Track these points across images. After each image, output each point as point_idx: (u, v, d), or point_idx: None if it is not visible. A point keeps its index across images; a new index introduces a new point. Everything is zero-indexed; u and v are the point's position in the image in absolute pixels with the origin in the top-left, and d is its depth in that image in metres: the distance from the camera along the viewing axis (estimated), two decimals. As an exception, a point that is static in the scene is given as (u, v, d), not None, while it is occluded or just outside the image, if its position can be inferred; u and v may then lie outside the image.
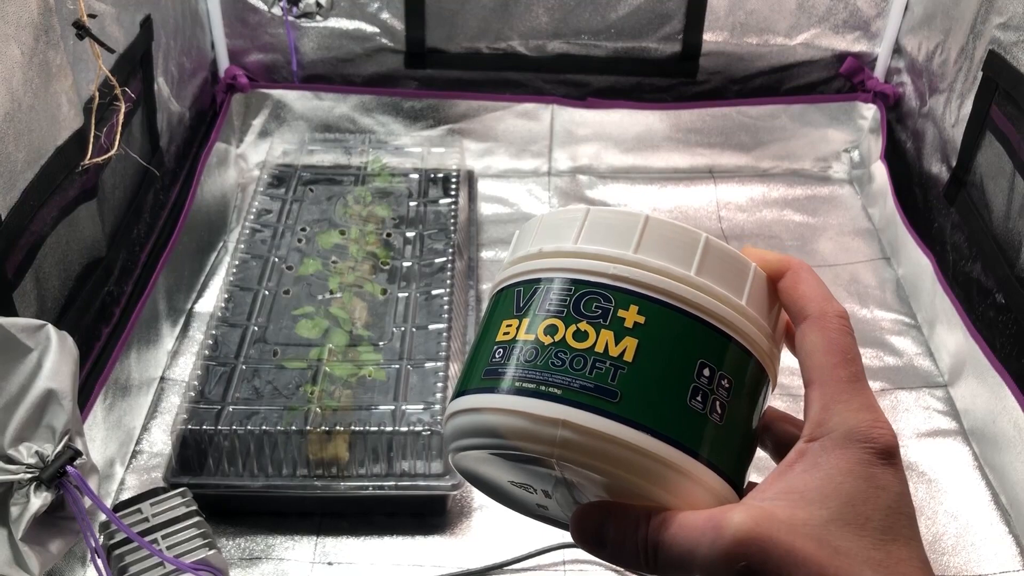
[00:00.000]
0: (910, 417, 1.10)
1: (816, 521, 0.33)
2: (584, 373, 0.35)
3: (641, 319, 0.36)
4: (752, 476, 0.39)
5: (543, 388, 0.35)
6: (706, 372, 0.36)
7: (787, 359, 0.41)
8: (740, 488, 0.37)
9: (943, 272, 1.17)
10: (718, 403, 0.36)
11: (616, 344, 0.35)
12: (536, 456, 0.35)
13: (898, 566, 0.33)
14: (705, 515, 0.34)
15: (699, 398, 0.35)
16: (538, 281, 0.38)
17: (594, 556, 0.37)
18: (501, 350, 0.37)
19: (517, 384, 0.36)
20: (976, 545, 0.96)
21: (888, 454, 0.34)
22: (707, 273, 0.37)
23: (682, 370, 0.35)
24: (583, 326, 0.36)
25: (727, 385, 0.36)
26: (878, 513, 0.33)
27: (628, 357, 0.35)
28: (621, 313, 0.36)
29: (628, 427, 0.34)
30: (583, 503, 0.38)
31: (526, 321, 0.37)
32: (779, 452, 0.40)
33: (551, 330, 0.36)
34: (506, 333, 0.37)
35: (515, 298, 0.38)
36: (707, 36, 1.42)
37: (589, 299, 0.36)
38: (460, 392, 0.38)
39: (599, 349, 0.35)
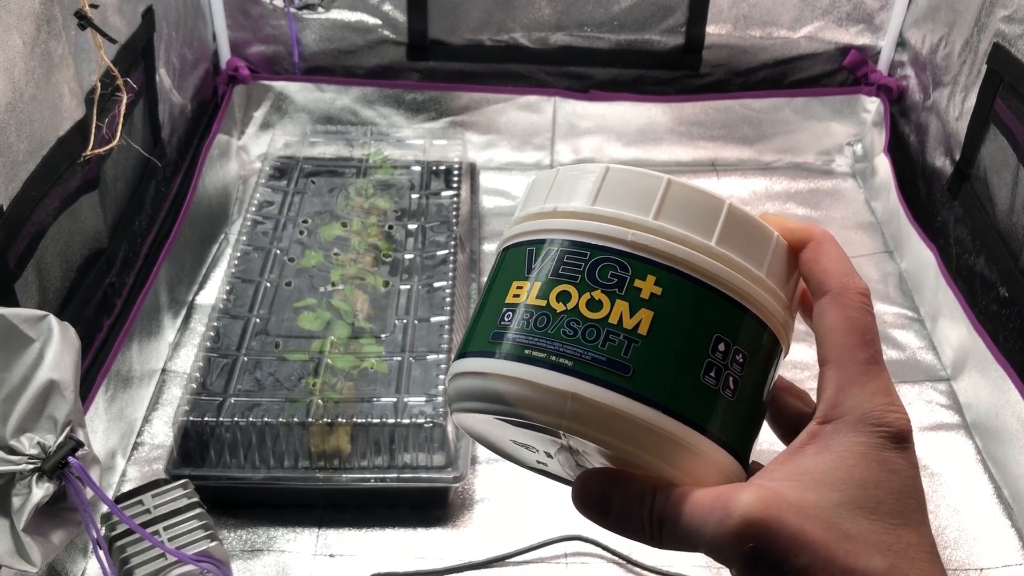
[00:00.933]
0: (913, 411, 1.09)
1: (826, 504, 0.33)
2: (596, 345, 0.34)
3: (658, 290, 0.35)
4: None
5: (553, 358, 0.34)
6: (721, 347, 0.35)
7: (797, 353, 0.41)
8: (747, 461, 0.36)
9: (946, 266, 1.17)
10: (731, 379, 0.35)
11: (631, 316, 0.34)
12: (543, 426, 0.35)
13: (907, 551, 0.32)
14: (713, 494, 0.34)
15: (712, 374, 0.35)
16: (552, 242, 0.37)
17: (595, 523, 0.36)
18: (510, 313, 0.36)
19: (526, 352, 0.35)
20: (978, 539, 0.95)
21: (901, 438, 0.34)
22: (728, 242, 0.36)
23: (697, 345, 0.35)
24: (597, 295, 0.35)
25: (741, 360, 0.35)
26: (890, 497, 0.33)
27: (643, 330, 0.34)
28: (638, 283, 0.35)
29: (639, 403, 0.34)
30: (587, 468, 0.37)
31: (537, 285, 0.36)
32: (778, 422, 0.39)
33: (564, 297, 0.35)
34: (516, 295, 0.36)
35: (526, 258, 0.37)
36: (710, 29, 1.42)
37: (605, 266, 0.35)
38: (464, 352, 0.37)
39: (613, 320, 0.34)
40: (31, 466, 0.64)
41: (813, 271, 0.37)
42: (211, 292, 1.23)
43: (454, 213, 1.21)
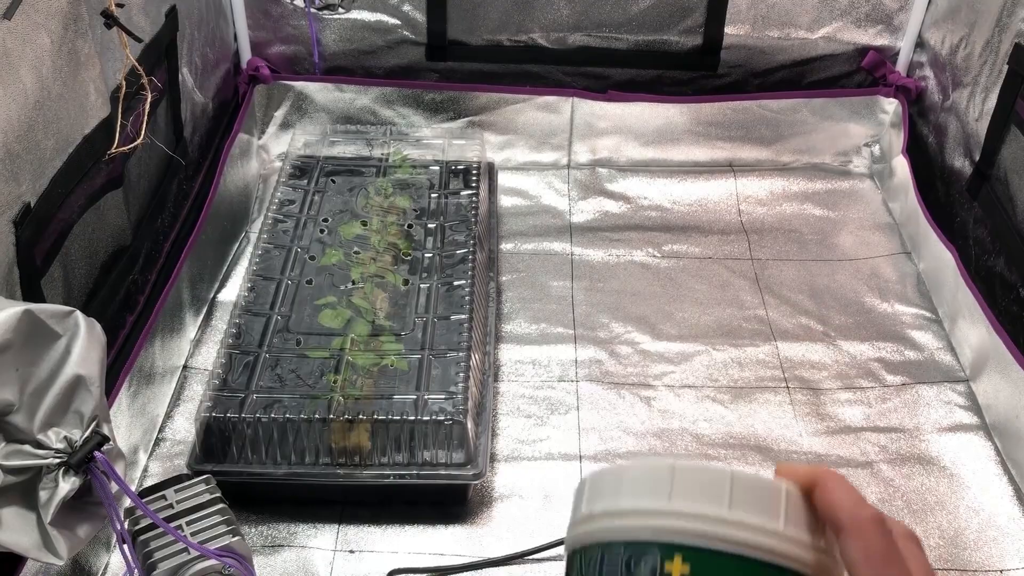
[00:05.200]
0: (931, 411, 1.09)
1: None
2: None
3: (686, 568, 0.37)
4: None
5: None
6: None
7: (813, 354, 0.41)
8: None
9: (965, 267, 1.17)
10: None
11: None
12: None
13: None
14: None
15: None
16: (593, 547, 0.40)
17: None
18: None
19: None
20: (998, 540, 0.95)
21: None
22: (741, 506, 0.38)
23: None
24: None
25: None
26: None
27: None
28: (668, 566, 0.38)
29: None
30: None
31: None
32: None
33: None
34: None
35: (576, 565, 0.41)
36: (728, 29, 1.42)
37: (637, 559, 0.38)
38: None
39: None
40: (58, 460, 0.65)
41: (826, 511, 0.40)
42: (232, 290, 1.24)
43: (473, 212, 1.22)
